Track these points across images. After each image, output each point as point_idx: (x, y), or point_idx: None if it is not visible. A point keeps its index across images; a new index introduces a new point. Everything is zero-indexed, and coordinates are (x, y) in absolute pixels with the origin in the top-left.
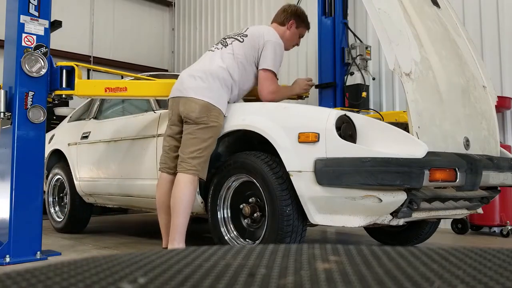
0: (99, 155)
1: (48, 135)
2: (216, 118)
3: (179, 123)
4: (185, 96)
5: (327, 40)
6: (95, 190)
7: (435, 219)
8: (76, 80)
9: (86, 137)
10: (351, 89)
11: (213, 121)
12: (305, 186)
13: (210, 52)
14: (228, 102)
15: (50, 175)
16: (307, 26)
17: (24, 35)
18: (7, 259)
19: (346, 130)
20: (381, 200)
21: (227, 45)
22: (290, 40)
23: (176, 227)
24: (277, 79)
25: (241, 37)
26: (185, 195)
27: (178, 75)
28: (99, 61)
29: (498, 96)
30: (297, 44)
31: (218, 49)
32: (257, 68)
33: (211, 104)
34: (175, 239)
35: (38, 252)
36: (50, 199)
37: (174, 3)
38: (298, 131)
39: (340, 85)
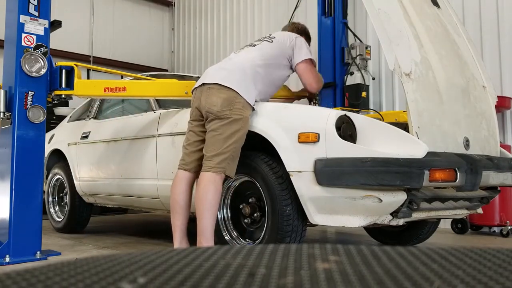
0: (99, 155)
1: (48, 135)
2: (239, 111)
3: (200, 118)
4: (208, 83)
5: (327, 40)
6: (95, 190)
7: (435, 219)
8: (76, 80)
9: (86, 137)
10: (351, 89)
11: (237, 114)
12: (305, 186)
13: (235, 53)
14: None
15: (50, 175)
16: (310, 42)
17: (24, 35)
18: (7, 259)
19: (346, 130)
20: (381, 200)
21: (255, 45)
22: None
23: (200, 231)
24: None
25: (270, 38)
26: (206, 195)
27: (178, 75)
28: (99, 61)
29: (498, 96)
30: None
31: (243, 49)
32: (291, 67)
33: (235, 94)
34: (202, 244)
35: (38, 252)
36: (50, 199)
37: (174, 3)
38: (298, 131)
39: (340, 85)
